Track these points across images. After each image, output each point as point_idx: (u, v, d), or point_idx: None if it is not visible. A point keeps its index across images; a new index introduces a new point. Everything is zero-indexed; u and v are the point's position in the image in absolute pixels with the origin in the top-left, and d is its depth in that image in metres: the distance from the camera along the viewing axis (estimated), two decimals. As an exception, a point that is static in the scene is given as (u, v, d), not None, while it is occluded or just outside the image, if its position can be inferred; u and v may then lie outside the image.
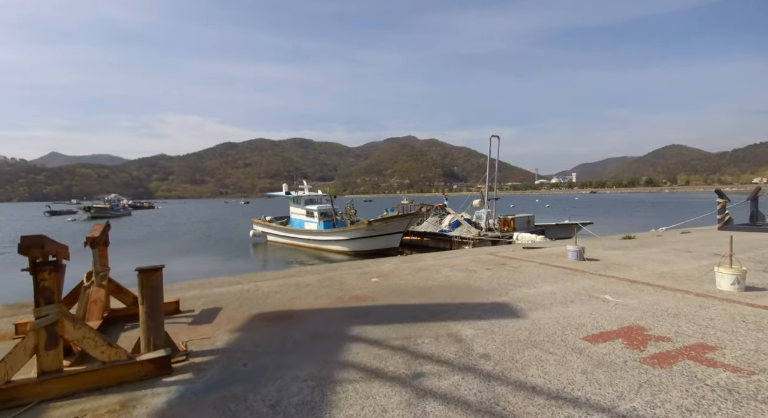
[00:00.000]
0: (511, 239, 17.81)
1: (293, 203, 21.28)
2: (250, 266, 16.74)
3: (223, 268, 16.06)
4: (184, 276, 13.45)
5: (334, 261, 17.26)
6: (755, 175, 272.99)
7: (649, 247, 10.26)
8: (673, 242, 11.22)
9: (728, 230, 13.39)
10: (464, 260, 8.72)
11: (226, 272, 15.05)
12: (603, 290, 5.77)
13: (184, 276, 13.45)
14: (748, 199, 14.03)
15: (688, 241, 11.28)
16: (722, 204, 13.48)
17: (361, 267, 7.87)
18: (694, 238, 12.04)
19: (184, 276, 13.45)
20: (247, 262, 18.10)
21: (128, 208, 77.71)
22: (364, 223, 17.21)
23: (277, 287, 6.17)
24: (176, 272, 15.08)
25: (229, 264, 17.01)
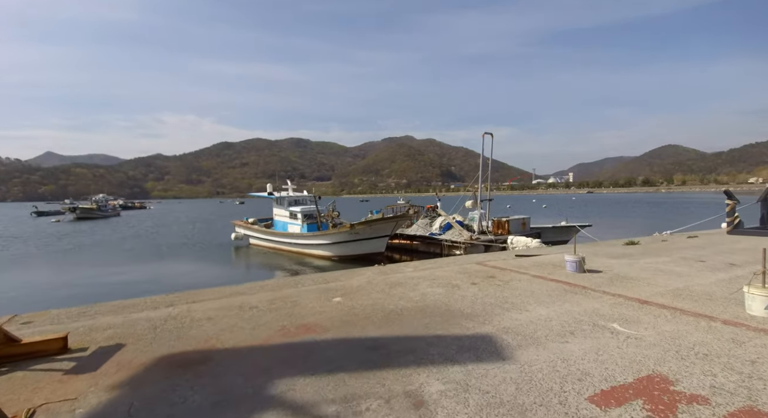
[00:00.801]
0: (505, 243, 16.81)
1: (276, 204, 20.17)
2: (223, 272, 15.57)
3: (191, 276, 14.81)
4: (135, 289, 12.20)
5: (314, 267, 16.14)
6: (751, 175, 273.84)
7: (656, 255, 9.25)
8: (682, 248, 10.22)
9: (738, 234, 12.43)
10: (448, 270, 7.67)
11: (192, 281, 13.91)
12: (610, 314, 4.73)
13: (135, 289, 12.20)
14: (759, 201, 13.06)
15: (698, 247, 10.29)
16: (731, 206, 12.50)
17: (327, 282, 6.80)
18: (703, 243, 11.05)
19: (134, 289, 12.21)
20: (222, 268, 16.94)
21: (117, 208, 76.25)
22: (347, 226, 16.14)
23: (214, 310, 5.09)
24: (131, 283, 13.97)
25: (201, 271, 15.79)
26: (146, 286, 13.12)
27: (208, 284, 12.40)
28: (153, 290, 11.99)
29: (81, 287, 13.45)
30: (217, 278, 13.87)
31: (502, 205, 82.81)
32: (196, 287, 11.87)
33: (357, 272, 7.70)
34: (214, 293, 6.09)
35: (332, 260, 16.73)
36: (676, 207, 63.36)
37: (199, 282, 13.35)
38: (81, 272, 16.25)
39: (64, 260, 19.66)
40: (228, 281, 12.99)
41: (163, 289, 11.79)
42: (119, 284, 13.46)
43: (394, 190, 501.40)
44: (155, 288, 12.44)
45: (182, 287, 12.56)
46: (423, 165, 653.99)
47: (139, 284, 13.48)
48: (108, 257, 20.19)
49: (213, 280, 14.03)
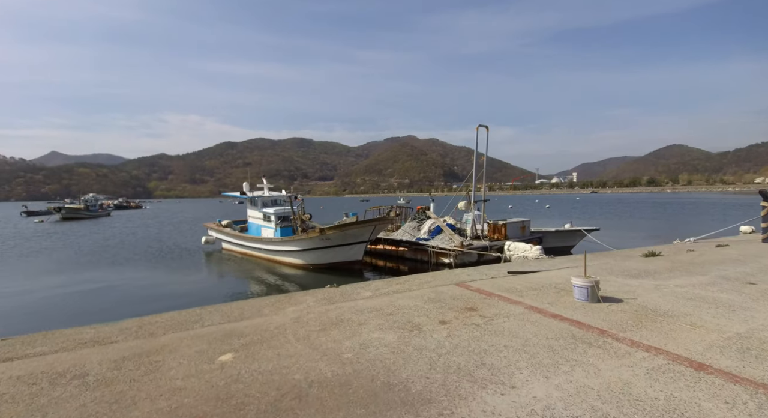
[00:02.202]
0: (501, 249, 14.85)
1: (250, 205, 18.28)
2: (171, 286, 13.26)
3: (138, 290, 12.73)
4: (39, 305, 9.89)
5: (284, 277, 14.17)
6: (758, 175, 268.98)
7: (687, 272, 7.30)
8: (716, 263, 8.25)
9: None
10: (417, 296, 5.76)
11: (121, 299, 11.93)
12: (649, 396, 2.82)
13: (39, 305, 9.89)
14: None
15: (736, 261, 8.32)
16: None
17: (237, 319, 4.90)
18: (740, 256, 9.08)
19: (37, 306, 9.95)
20: (176, 278, 14.78)
21: (108, 208, 74.62)
22: (315, 231, 14.20)
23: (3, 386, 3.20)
24: (44, 299, 12.02)
25: (147, 285, 13.30)
26: (58, 302, 11.27)
27: (137, 304, 10.50)
28: (50, 317, 10.14)
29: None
30: (156, 296, 11.71)
31: (503, 206, 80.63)
32: (119, 309, 10.05)
33: (294, 299, 5.79)
34: (44, 339, 4.20)
35: (305, 269, 14.80)
36: (684, 208, 61.02)
37: (128, 301, 11.35)
38: (7, 282, 14.38)
39: (9, 265, 17.85)
40: (169, 299, 11.03)
41: (72, 311, 9.87)
42: (31, 300, 11.55)
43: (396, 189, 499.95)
44: (61, 311, 10.59)
45: (105, 307, 10.68)
46: (426, 165, 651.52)
47: (52, 300, 11.53)
48: (57, 263, 18.39)
49: (174, 293, 12.11)
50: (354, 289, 6.38)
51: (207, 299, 10.94)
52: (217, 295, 11.61)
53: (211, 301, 10.69)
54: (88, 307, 11.04)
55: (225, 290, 12.60)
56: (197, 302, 10.58)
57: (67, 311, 10.67)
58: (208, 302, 10.42)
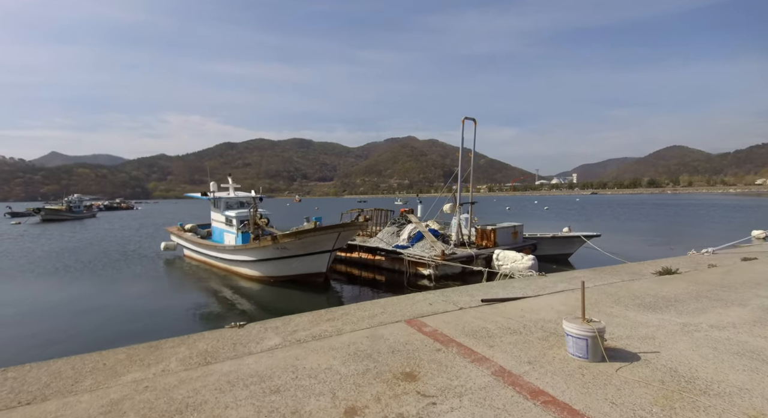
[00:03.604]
0: (490, 259, 13.06)
1: (213, 208, 16.45)
2: (101, 304, 11.32)
3: (38, 311, 10.65)
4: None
5: (240, 293, 12.04)
6: (758, 177, 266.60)
7: (719, 300, 5.51)
8: (750, 284, 6.47)
9: (818, 255, 8.63)
10: (341, 347, 3.98)
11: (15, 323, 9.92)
12: None
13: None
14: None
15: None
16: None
17: (24, 402, 3.09)
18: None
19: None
20: (117, 291, 12.82)
21: (94, 209, 72.60)
22: (267, 239, 12.32)
23: None
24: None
25: (71, 300, 11.36)
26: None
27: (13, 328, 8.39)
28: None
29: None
30: (56, 320, 9.75)
31: (501, 207, 78.76)
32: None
33: (156, 355, 4.00)
34: None
35: (264, 282, 12.86)
36: (685, 209, 59.24)
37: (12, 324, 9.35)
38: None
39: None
40: (68, 326, 8.96)
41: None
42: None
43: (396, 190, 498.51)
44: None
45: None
46: (425, 166, 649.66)
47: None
48: (11, 264, 16.55)
49: (40, 324, 9.56)
50: (262, 330, 4.57)
51: (117, 328, 8.82)
52: (135, 322, 9.20)
53: (121, 331, 8.84)
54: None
55: (152, 314, 9.92)
56: (98, 332, 8.79)
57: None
58: (113, 333, 8.49)
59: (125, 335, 8.23)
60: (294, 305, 10.72)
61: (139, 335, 8.05)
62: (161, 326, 9.09)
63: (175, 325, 9.29)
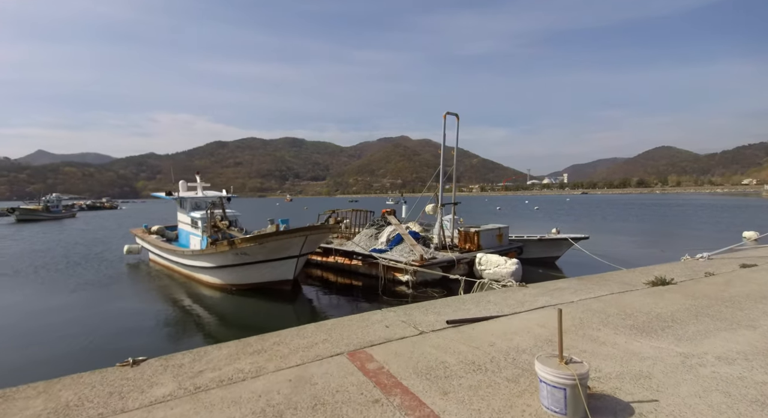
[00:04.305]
0: (472, 263, 12.25)
1: (179, 208, 15.36)
2: (25, 320, 10.06)
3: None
4: None
5: (201, 303, 10.88)
6: (744, 177, 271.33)
7: (723, 320, 4.71)
8: (755, 297, 5.71)
9: (822, 262, 7.95)
10: (252, 398, 3.08)
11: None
12: None
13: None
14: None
15: (785, 296, 5.77)
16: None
17: None
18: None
19: None
20: (52, 300, 11.50)
21: (75, 209, 70.38)
22: (223, 244, 11.45)
23: None
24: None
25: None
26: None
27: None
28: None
29: None
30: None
31: (492, 207, 78.35)
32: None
33: (4, 406, 3.02)
34: None
35: (227, 290, 11.80)
36: (673, 210, 59.42)
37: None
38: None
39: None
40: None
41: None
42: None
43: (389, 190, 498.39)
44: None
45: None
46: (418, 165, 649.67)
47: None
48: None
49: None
50: (160, 370, 3.62)
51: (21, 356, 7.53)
52: (30, 348, 7.51)
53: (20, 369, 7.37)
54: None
55: (59, 338, 8.38)
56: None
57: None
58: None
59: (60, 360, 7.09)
60: (255, 317, 9.76)
61: (15, 371, 6.74)
62: (55, 358, 7.51)
63: (79, 355, 7.69)
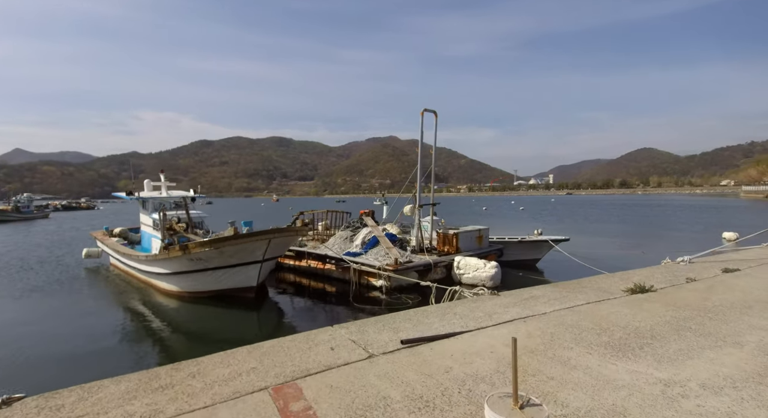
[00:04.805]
0: (450, 267, 11.75)
1: (142, 209, 14.39)
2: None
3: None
4: None
5: (156, 312, 9.89)
6: (723, 178, 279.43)
7: (706, 336, 4.26)
8: (739, 306, 5.30)
9: (804, 266, 7.67)
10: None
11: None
12: None
13: None
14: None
15: (766, 302, 5.38)
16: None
17: None
18: (764, 288, 6.21)
19: None
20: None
21: (49, 209, 67.63)
22: (176, 249, 10.49)
23: None
24: None
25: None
26: None
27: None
28: None
29: None
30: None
31: (478, 208, 78.47)
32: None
33: None
34: None
35: (185, 298, 10.94)
36: (654, 210, 60.53)
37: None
38: None
39: None
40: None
41: None
42: None
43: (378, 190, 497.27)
44: None
45: None
46: (407, 166, 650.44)
47: None
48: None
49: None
50: (33, 412, 2.93)
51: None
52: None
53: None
54: None
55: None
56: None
57: None
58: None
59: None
60: (209, 331, 8.95)
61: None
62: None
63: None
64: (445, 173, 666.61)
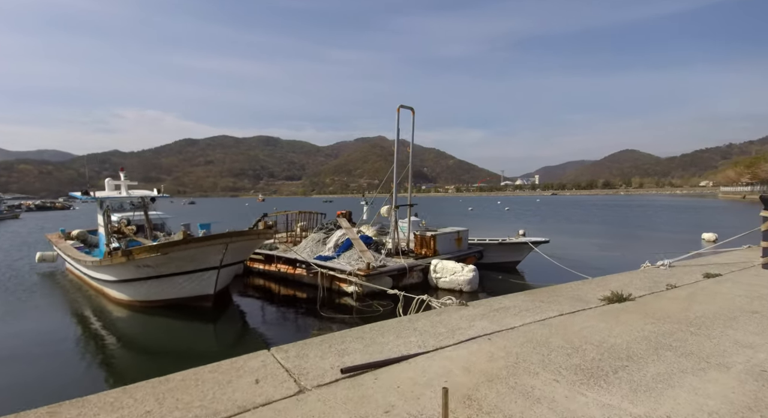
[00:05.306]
0: (427, 270, 11.21)
1: (99, 210, 13.43)
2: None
3: None
4: None
5: (103, 322, 8.94)
6: (702, 179, 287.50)
7: (688, 355, 3.77)
8: (722, 317, 4.87)
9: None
10: None
11: None
12: None
13: None
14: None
15: (751, 313, 4.98)
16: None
17: None
18: (746, 295, 5.84)
19: None
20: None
21: (21, 209, 64.82)
22: (118, 255, 9.51)
23: None
24: None
25: None
26: None
27: None
28: None
29: None
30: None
31: (464, 208, 78.50)
32: None
33: None
34: None
35: (136, 308, 10.06)
36: (635, 211, 61.49)
37: None
38: None
39: None
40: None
41: None
42: None
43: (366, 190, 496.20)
44: None
45: None
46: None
47: None
48: None
49: None
50: None
51: None
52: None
53: None
54: None
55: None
56: None
57: None
58: None
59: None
60: (162, 346, 8.11)
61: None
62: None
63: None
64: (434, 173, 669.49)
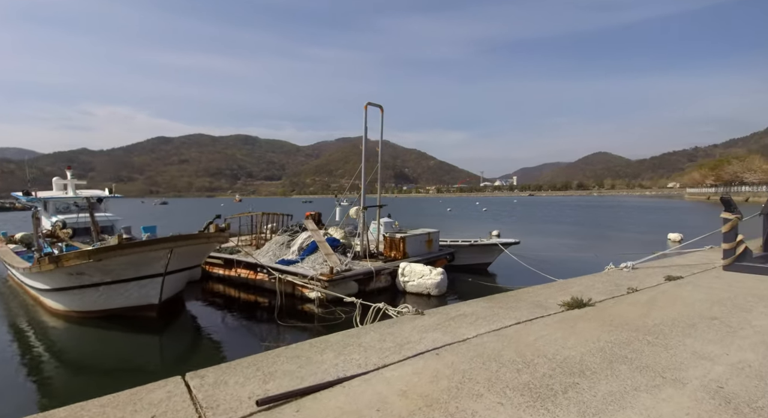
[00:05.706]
0: (395, 274, 10.84)
1: (44, 211, 12.41)
2: None
3: None
4: None
5: (37, 336, 8.18)
6: (670, 181, 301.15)
7: (642, 370, 3.50)
8: (681, 324, 4.68)
9: (744, 271, 7.39)
10: None
11: None
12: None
13: None
14: (762, 214, 8.24)
15: (710, 319, 4.82)
16: (733, 223, 7.42)
17: None
18: (706, 299, 5.72)
19: None
20: None
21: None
22: (45, 261, 8.57)
23: None
24: None
25: None
26: None
27: None
28: None
29: None
30: None
31: (443, 208, 79.05)
32: None
33: None
34: None
35: (73, 318, 9.25)
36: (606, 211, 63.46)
37: None
38: None
39: None
40: None
41: None
42: None
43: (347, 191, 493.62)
44: None
45: None
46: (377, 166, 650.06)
47: None
48: None
49: None
50: None
51: None
52: None
53: None
54: None
55: None
56: None
57: None
58: None
59: None
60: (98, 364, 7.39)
61: None
62: None
63: None
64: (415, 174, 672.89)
